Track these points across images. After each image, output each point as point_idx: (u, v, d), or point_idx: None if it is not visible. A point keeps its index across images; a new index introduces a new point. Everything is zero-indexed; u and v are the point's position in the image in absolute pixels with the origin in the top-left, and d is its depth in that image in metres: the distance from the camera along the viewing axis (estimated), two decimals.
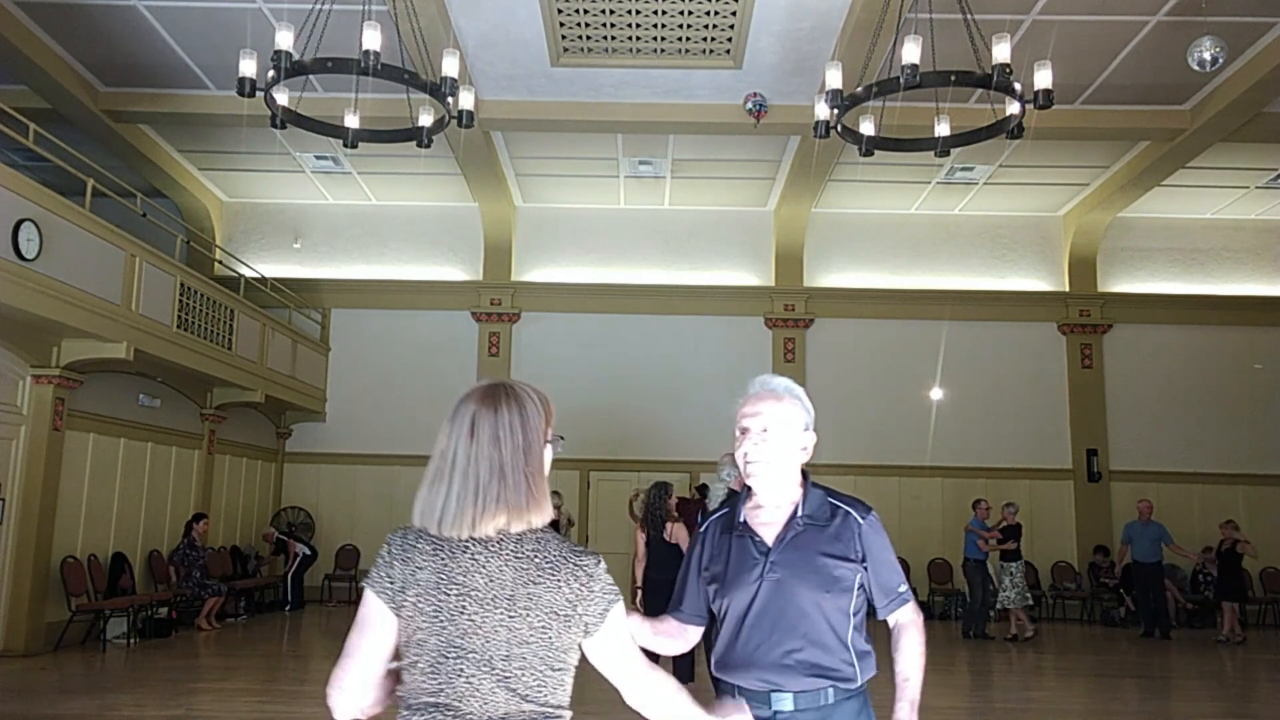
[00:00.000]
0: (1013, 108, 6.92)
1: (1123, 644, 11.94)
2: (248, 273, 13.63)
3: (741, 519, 2.38)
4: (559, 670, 1.77)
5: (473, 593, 1.73)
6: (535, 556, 1.76)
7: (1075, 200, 14.68)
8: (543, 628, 1.73)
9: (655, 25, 9.89)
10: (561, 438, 1.92)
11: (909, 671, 2.33)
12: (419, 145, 7.60)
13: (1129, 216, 14.85)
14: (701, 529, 2.49)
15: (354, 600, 14.19)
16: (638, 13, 9.68)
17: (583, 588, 1.76)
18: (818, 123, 7.33)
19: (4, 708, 6.89)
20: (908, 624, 2.36)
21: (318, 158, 13.60)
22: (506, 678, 1.72)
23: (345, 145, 7.55)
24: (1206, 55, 8.04)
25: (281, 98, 7.23)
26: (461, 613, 1.72)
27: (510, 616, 1.72)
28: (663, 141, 12.76)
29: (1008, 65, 6.35)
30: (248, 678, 8.72)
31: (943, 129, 7.53)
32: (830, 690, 2.25)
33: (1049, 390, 14.84)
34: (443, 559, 1.76)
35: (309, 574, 13.90)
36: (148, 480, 11.37)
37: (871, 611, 2.37)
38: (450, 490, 1.78)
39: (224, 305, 11.83)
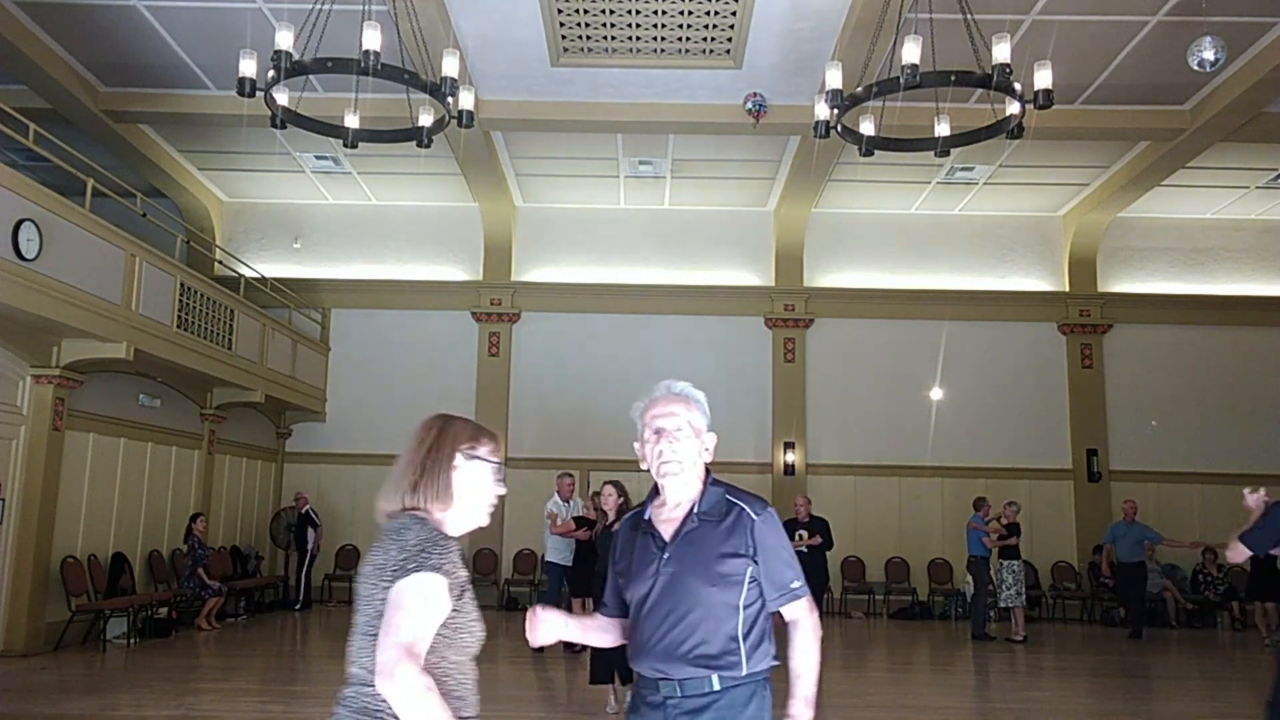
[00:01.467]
0: (1013, 108, 6.92)
1: (1122, 644, 11.94)
2: (248, 273, 13.63)
3: (646, 516, 2.52)
4: (373, 634, 1.93)
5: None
6: (388, 532, 2.03)
7: (1075, 200, 14.68)
8: (368, 595, 1.98)
9: (655, 25, 9.89)
10: (501, 466, 2.22)
11: (800, 668, 2.40)
12: (419, 145, 7.60)
13: (1129, 216, 14.85)
14: (618, 528, 2.66)
15: (353, 600, 14.19)
16: (638, 13, 9.68)
17: (387, 555, 1.97)
18: (818, 123, 7.32)
19: (4, 708, 6.89)
20: (799, 620, 2.41)
21: (318, 158, 13.61)
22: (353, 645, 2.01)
23: (345, 145, 7.55)
24: (1206, 55, 8.03)
25: (281, 98, 7.23)
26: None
27: (362, 581, 2.02)
28: (663, 141, 12.76)
29: (1008, 65, 6.35)
30: (248, 678, 8.72)
31: (943, 129, 7.53)
32: (715, 678, 2.33)
33: (1049, 390, 14.84)
34: None
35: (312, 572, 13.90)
36: (148, 480, 11.37)
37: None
38: None
39: (224, 305, 11.83)
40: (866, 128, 7.76)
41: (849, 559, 14.09)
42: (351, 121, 7.71)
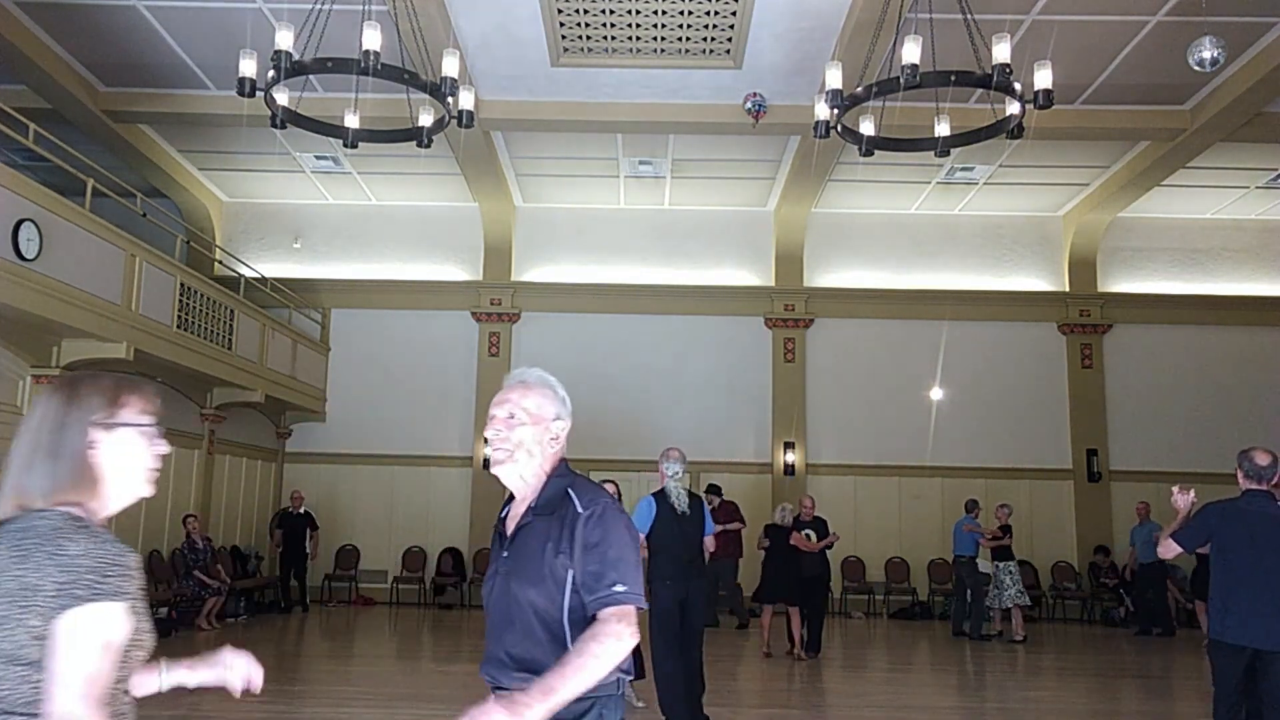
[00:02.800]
0: (1013, 108, 6.92)
1: (1123, 644, 11.95)
2: (248, 273, 13.63)
3: (502, 514, 2.38)
4: (20, 666, 1.60)
5: None
6: (19, 539, 1.65)
7: (1075, 200, 14.68)
8: (4, 616, 1.60)
9: (655, 25, 9.89)
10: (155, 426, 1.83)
11: (578, 662, 2.03)
12: (419, 145, 7.59)
13: (1129, 216, 14.85)
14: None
15: (352, 601, 14.22)
16: (638, 13, 9.68)
17: (43, 572, 1.60)
18: (818, 123, 7.32)
19: None
20: (606, 629, 2.07)
21: (318, 158, 13.61)
22: None
23: (345, 145, 7.55)
24: (1206, 55, 8.03)
25: (281, 98, 7.23)
26: None
27: None
28: (663, 141, 12.76)
29: (1008, 65, 6.35)
30: None
31: (943, 129, 7.53)
32: None
33: (1049, 390, 14.84)
34: None
35: (309, 574, 13.89)
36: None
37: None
38: None
39: (224, 305, 11.82)
40: (866, 128, 7.75)
41: (849, 559, 14.08)
42: (351, 121, 7.71)
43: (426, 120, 7.72)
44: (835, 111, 7.03)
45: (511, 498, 2.37)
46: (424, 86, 6.86)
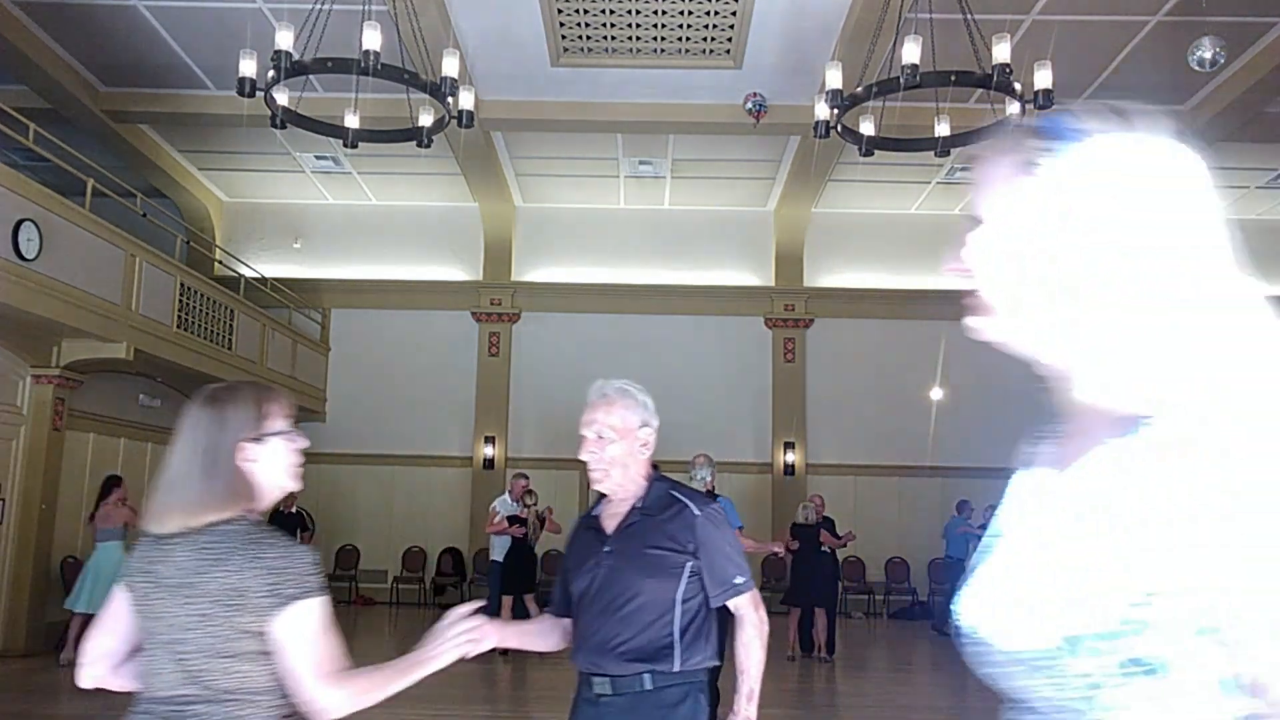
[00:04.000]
0: (1013, 108, 6.92)
1: None
2: (248, 273, 13.63)
3: (595, 514, 2.54)
4: (229, 657, 1.79)
5: (164, 581, 1.83)
6: (213, 547, 1.83)
7: None
8: (198, 616, 1.79)
9: (655, 25, 9.89)
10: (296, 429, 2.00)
11: (744, 663, 2.40)
12: (419, 145, 7.60)
13: None
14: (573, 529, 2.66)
15: (352, 601, 14.22)
16: (638, 13, 9.68)
17: (248, 575, 1.79)
18: (818, 123, 7.33)
19: (4, 708, 6.89)
20: (744, 617, 2.41)
21: (318, 158, 13.60)
22: (181, 659, 1.81)
23: (345, 145, 7.56)
24: (1206, 55, 8.03)
25: (281, 98, 7.23)
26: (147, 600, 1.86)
27: (183, 603, 1.81)
28: (663, 141, 12.76)
29: (1008, 65, 6.35)
30: None
31: (943, 129, 7.53)
32: (648, 677, 2.30)
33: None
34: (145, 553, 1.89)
35: None
36: (148, 480, 11.36)
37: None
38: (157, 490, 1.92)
39: (224, 305, 11.83)
40: (866, 128, 7.76)
41: (849, 559, 14.06)
42: (351, 121, 7.72)
43: (426, 120, 7.73)
44: (835, 111, 7.04)
45: (600, 499, 2.54)
46: (424, 86, 6.87)
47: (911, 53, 6.40)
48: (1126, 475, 0.84)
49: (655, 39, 10.14)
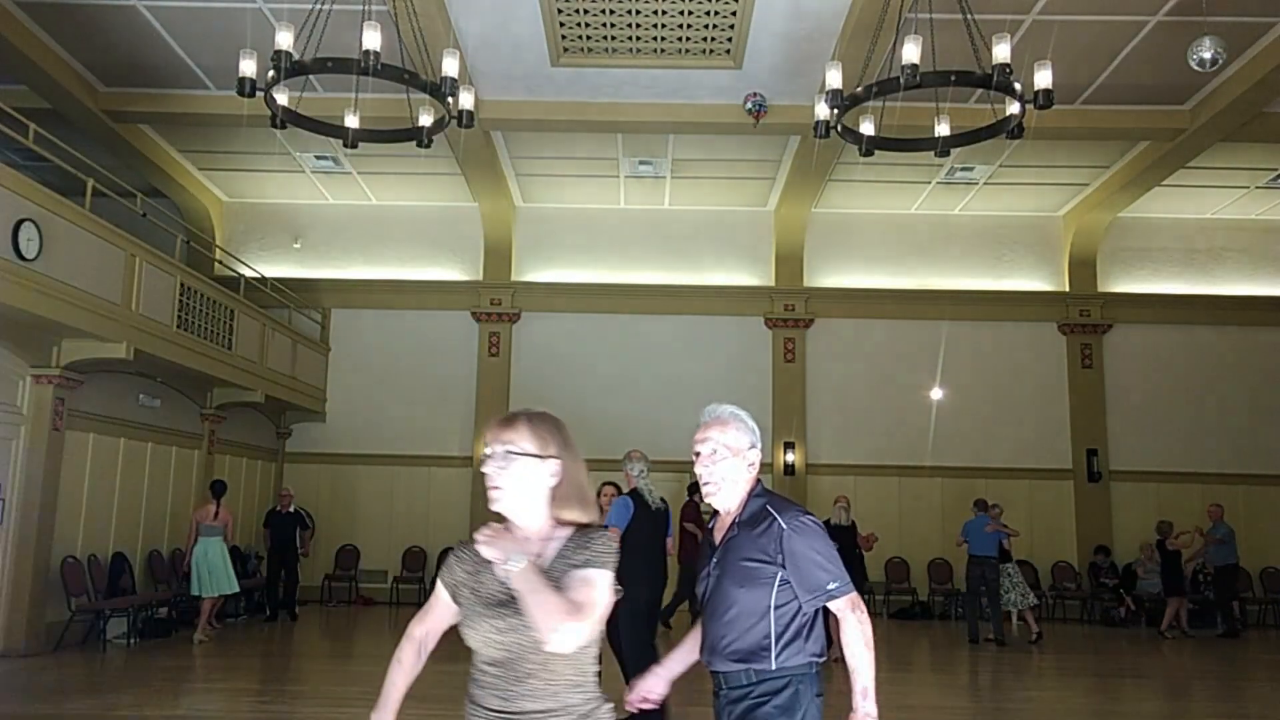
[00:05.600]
0: (1013, 108, 6.92)
1: (1123, 644, 11.94)
2: (248, 273, 13.63)
3: (711, 525, 2.85)
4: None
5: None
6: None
7: (1075, 200, 14.68)
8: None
9: (655, 25, 9.89)
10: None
11: (852, 662, 2.60)
12: (419, 145, 7.59)
13: (1129, 216, 14.85)
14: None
15: (352, 601, 14.22)
16: (638, 13, 9.68)
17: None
18: (818, 123, 7.32)
19: (4, 708, 6.89)
20: (843, 618, 2.60)
21: (318, 158, 13.60)
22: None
23: (345, 145, 7.54)
24: (1206, 55, 8.03)
25: (281, 98, 7.23)
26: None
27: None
28: (663, 141, 12.76)
29: (1008, 65, 6.34)
30: (248, 678, 8.72)
31: (943, 129, 7.52)
32: (751, 672, 2.57)
33: (1049, 390, 14.84)
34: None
35: (308, 573, 13.88)
36: (148, 480, 11.37)
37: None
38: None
39: (224, 305, 11.82)
40: (866, 128, 7.75)
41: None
42: (351, 121, 7.71)
43: (426, 120, 7.72)
44: (835, 111, 7.03)
45: (716, 513, 2.81)
46: (424, 86, 6.86)
47: (911, 53, 6.39)
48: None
49: (655, 39, 10.14)
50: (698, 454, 2.71)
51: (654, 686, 2.75)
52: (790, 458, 14.50)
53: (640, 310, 14.88)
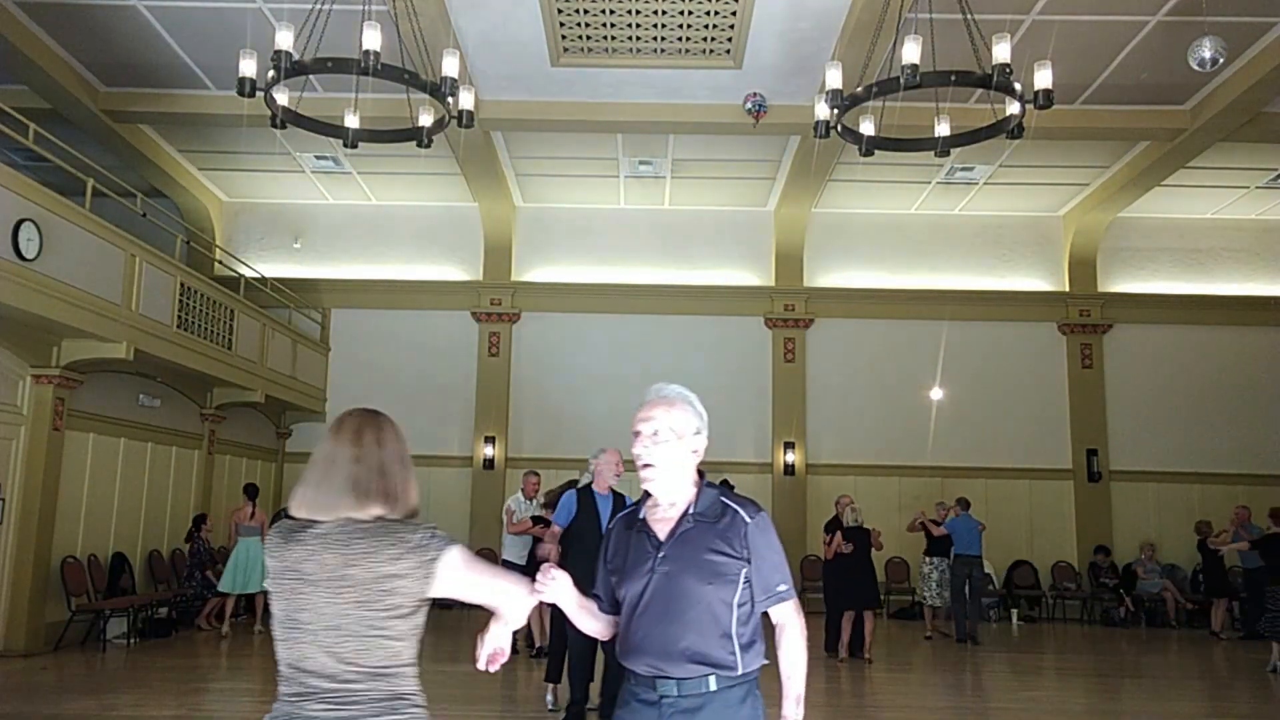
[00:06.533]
0: (1013, 108, 6.92)
1: (1123, 644, 11.95)
2: (248, 273, 13.63)
3: (641, 516, 2.56)
4: (372, 634, 2.01)
5: (306, 575, 2.05)
6: (361, 539, 2.05)
7: (1075, 200, 14.68)
8: (353, 602, 2.01)
9: (655, 25, 9.89)
10: None
11: (790, 669, 2.46)
12: (419, 145, 7.59)
13: (1129, 216, 14.85)
14: (609, 526, 2.70)
15: None
16: (638, 13, 9.68)
17: (397, 558, 2.03)
18: (818, 123, 7.32)
19: (4, 708, 6.89)
20: (787, 623, 2.47)
21: (318, 158, 13.60)
22: (330, 646, 2.02)
23: (345, 145, 7.55)
24: (1206, 55, 8.03)
25: (281, 98, 7.23)
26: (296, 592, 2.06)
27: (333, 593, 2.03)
28: (663, 141, 12.76)
29: (1008, 65, 6.34)
30: (248, 678, 8.72)
31: (943, 129, 7.52)
32: (712, 678, 2.37)
33: (1049, 390, 14.84)
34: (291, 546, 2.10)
35: None
36: (148, 480, 11.37)
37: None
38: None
39: (224, 305, 11.83)
40: (866, 128, 7.75)
41: None
42: (351, 121, 7.71)
43: (426, 120, 7.72)
44: (835, 111, 7.03)
45: (642, 500, 2.59)
46: (424, 86, 6.86)
47: (911, 53, 6.39)
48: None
49: (655, 39, 10.14)
50: (637, 433, 2.50)
51: (564, 586, 2.43)
52: (790, 458, 14.50)
53: (640, 310, 14.88)
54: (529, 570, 9.55)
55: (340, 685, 2.03)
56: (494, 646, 2.29)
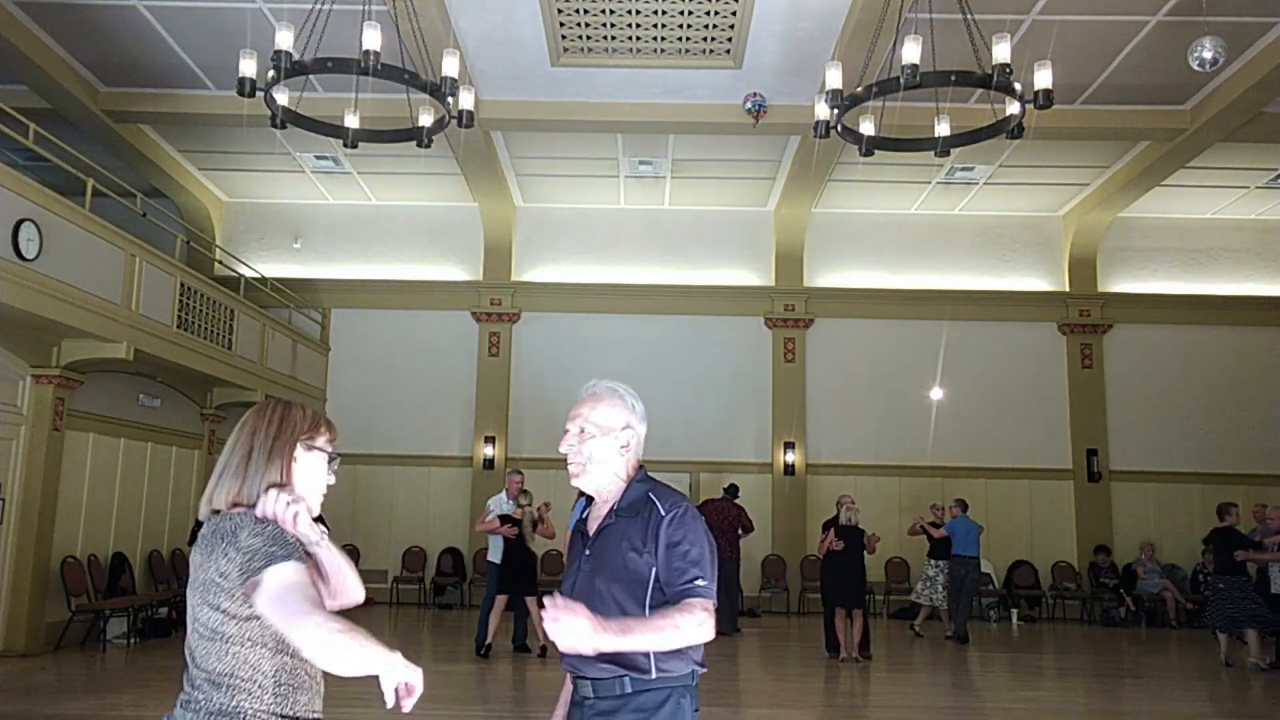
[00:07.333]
0: (1013, 108, 6.92)
1: (1123, 644, 11.94)
2: (248, 273, 13.63)
3: (584, 515, 2.52)
4: (214, 640, 1.92)
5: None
6: (211, 540, 1.96)
7: (1075, 200, 14.68)
8: (199, 602, 1.94)
9: (655, 25, 9.89)
10: (337, 456, 2.22)
11: (651, 617, 2.21)
12: (419, 145, 7.59)
13: (1129, 216, 14.85)
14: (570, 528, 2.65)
15: None
16: (638, 13, 9.68)
17: (227, 560, 1.91)
18: (818, 123, 7.32)
19: (4, 708, 6.89)
20: (691, 611, 2.21)
21: (318, 158, 13.60)
22: (191, 645, 1.96)
23: (345, 145, 7.55)
24: (1206, 55, 8.03)
25: (281, 98, 7.23)
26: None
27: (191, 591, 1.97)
28: (663, 141, 12.76)
29: (1008, 65, 6.34)
30: None
31: (943, 129, 7.52)
32: (627, 680, 2.26)
33: (1049, 390, 14.84)
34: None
35: None
36: (148, 480, 11.37)
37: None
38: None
39: (224, 305, 11.82)
40: (866, 128, 7.75)
41: None
42: (351, 121, 7.71)
43: (426, 120, 7.72)
44: (835, 111, 7.03)
45: (589, 501, 2.52)
46: (424, 86, 6.86)
47: (911, 53, 6.39)
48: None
49: (655, 39, 10.14)
50: (565, 431, 2.44)
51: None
52: (790, 458, 14.50)
53: (640, 310, 14.88)
54: (505, 570, 9.58)
55: (188, 691, 1.95)
56: (392, 685, 1.83)
